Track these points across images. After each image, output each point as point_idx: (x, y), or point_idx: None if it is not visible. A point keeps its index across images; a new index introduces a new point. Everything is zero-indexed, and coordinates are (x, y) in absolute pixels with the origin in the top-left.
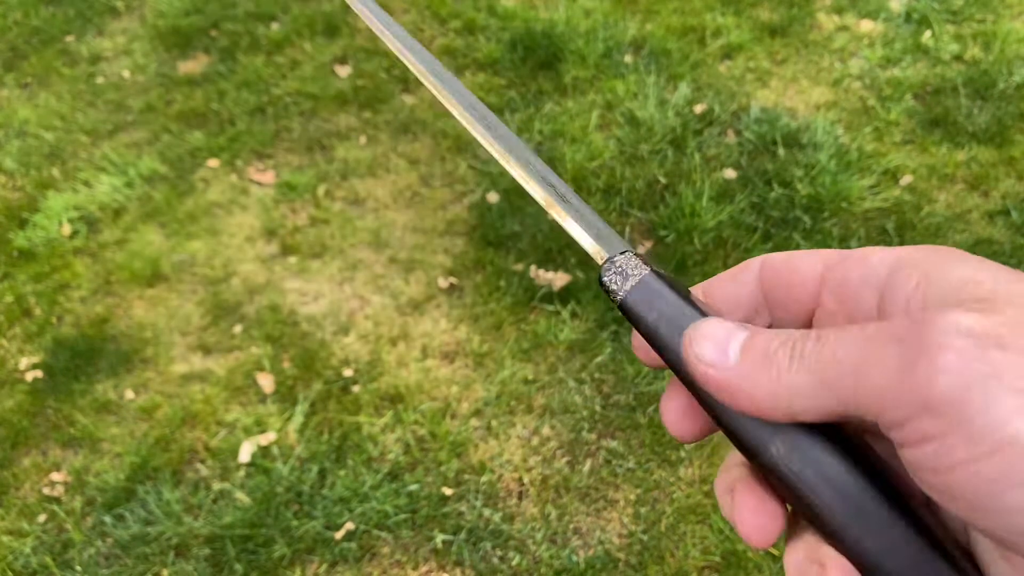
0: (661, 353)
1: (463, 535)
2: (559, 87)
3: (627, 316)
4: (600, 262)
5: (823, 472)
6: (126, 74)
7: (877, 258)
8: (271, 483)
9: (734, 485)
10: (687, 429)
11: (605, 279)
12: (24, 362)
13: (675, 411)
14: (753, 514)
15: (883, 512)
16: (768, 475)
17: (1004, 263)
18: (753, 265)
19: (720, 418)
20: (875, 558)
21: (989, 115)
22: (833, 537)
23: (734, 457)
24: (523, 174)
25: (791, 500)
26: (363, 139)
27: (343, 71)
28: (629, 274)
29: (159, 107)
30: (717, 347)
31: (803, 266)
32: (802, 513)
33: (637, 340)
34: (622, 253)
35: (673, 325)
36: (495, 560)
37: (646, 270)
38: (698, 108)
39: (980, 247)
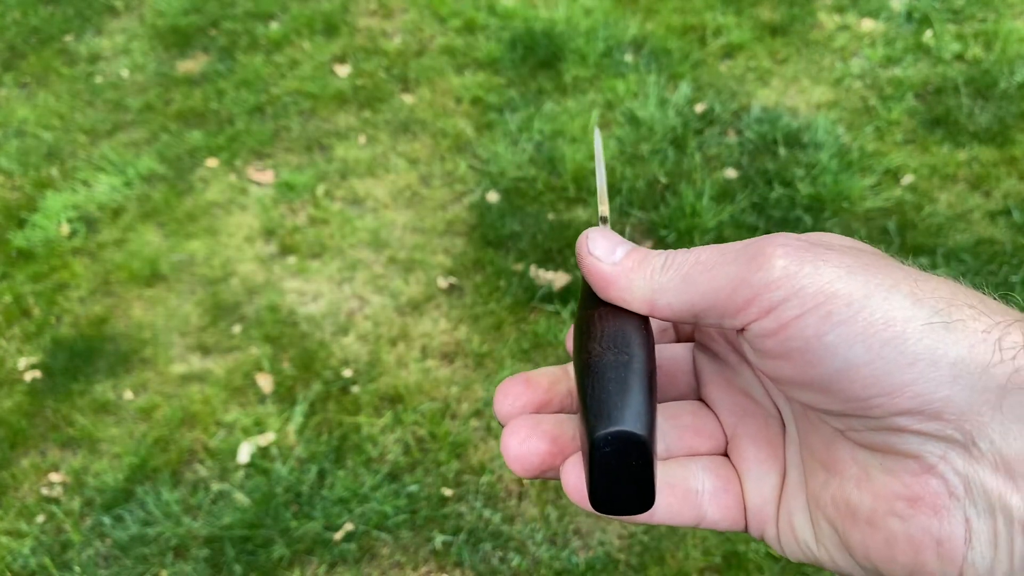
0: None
1: (463, 536)
2: (559, 86)
3: None
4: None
5: (619, 329)
6: (125, 73)
7: None
8: (270, 484)
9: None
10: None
11: None
12: (23, 362)
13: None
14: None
15: (632, 351)
16: (583, 327)
17: (1005, 263)
18: None
19: (586, 304)
20: (601, 379)
21: (990, 115)
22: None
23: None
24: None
25: (582, 339)
26: (362, 139)
27: (342, 70)
28: None
29: (158, 106)
30: (607, 246)
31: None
32: (577, 347)
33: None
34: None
35: None
36: (495, 561)
37: None
38: (699, 107)
39: (981, 247)
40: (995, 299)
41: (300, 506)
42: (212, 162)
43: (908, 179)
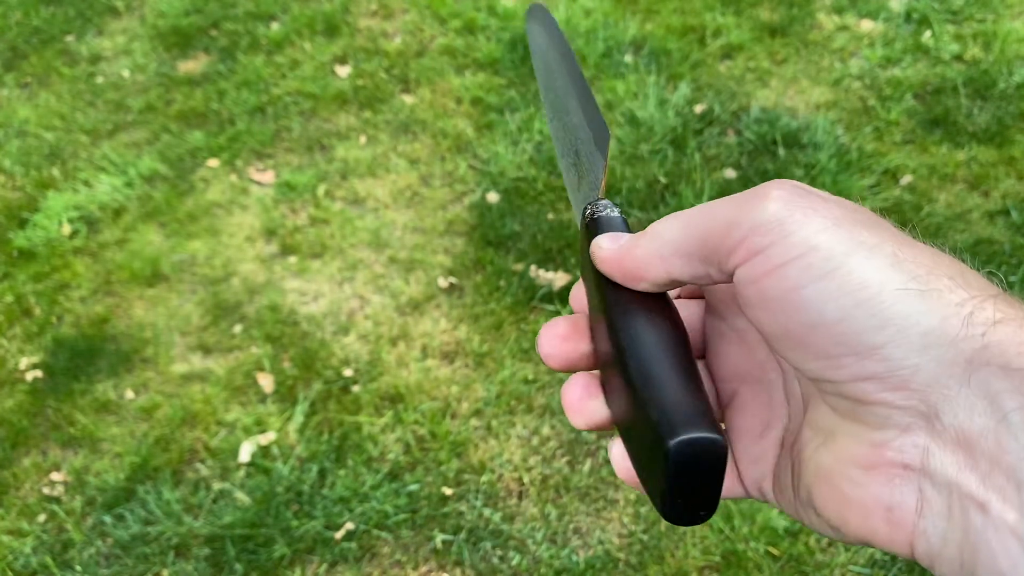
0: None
1: (463, 535)
2: None
3: (586, 232)
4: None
5: (636, 325)
6: (126, 74)
7: None
8: (271, 483)
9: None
10: (557, 352)
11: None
12: (24, 362)
13: (550, 335)
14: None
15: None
16: (606, 325)
17: (1004, 263)
18: None
19: (602, 294)
20: (640, 370)
21: (989, 115)
22: (622, 367)
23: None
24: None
25: (606, 340)
26: (363, 139)
27: (343, 71)
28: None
29: (159, 107)
30: (612, 240)
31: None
32: (608, 350)
33: (575, 290)
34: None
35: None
36: (495, 560)
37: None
38: (698, 108)
39: (980, 247)
40: (979, 273)
41: (301, 505)
42: (213, 162)
43: (907, 179)
